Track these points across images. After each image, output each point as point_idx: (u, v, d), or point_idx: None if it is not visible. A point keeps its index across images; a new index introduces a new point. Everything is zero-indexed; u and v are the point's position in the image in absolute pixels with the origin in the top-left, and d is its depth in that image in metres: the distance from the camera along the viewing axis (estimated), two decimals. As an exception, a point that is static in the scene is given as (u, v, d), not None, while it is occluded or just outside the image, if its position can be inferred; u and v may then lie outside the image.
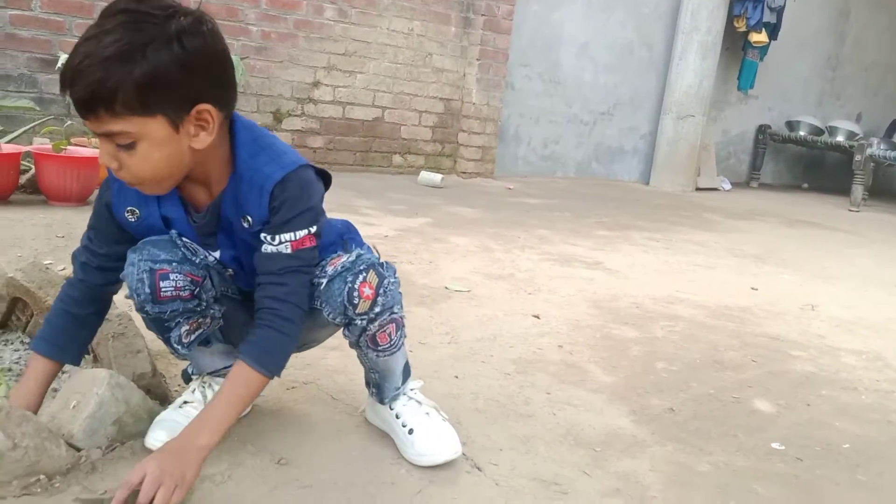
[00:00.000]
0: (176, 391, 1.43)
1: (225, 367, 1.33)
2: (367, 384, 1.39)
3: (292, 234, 1.15)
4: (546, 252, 3.20)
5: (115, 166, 1.06)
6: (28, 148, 3.13)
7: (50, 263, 1.97)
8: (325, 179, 1.25)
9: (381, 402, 1.36)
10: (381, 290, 1.21)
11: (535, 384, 1.72)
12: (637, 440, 1.50)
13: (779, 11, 6.57)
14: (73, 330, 1.24)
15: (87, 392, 1.17)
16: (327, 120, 5.00)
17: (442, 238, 3.29)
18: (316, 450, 1.30)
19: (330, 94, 4.98)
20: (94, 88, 0.97)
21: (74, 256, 1.26)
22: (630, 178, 6.60)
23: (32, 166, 3.11)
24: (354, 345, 1.29)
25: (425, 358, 1.79)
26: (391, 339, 1.27)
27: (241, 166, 1.15)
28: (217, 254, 1.21)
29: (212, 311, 1.24)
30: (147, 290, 1.14)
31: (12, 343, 1.61)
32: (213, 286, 1.22)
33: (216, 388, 1.30)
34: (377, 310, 1.21)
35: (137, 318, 1.66)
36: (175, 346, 1.23)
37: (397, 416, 1.34)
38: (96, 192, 3.19)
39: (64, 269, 2.03)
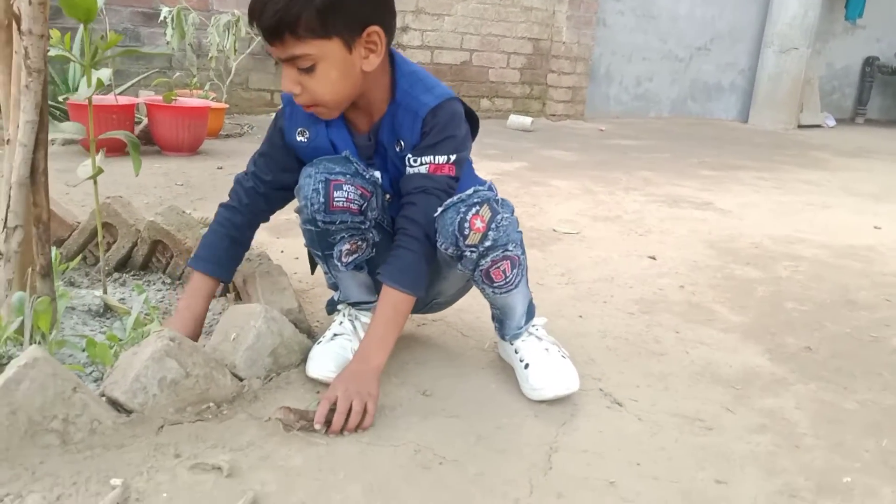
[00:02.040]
0: (316, 325, 1.48)
1: (367, 302, 1.37)
2: (493, 318, 1.40)
3: (432, 157, 1.22)
4: (651, 193, 3.12)
5: (298, 90, 1.15)
6: (140, 99, 3.24)
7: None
8: (473, 122, 1.29)
9: (503, 338, 1.38)
10: (493, 225, 1.20)
11: (661, 323, 1.69)
12: (777, 378, 1.46)
13: (895, -70, 6.05)
14: (231, 250, 1.36)
15: (245, 325, 1.22)
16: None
17: (541, 181, 3.25)
18: (456, 383, 1.32)
19: (418, 38, 4.94)
20: (282, 15, 1.08)
21: (239, 181, 1.36)
22: (728, 117, 6.32)
23: (145, 118, 3.23)
24: (471, 280, 1.30)
25: (545, 298, 1.78)
26: (506, 277, 1.25)
27: (400, 94, 1.22)
28: (378, 174, 1.27)
29: (370, 235, 1.29)
30: (322, 199, 1.21)
31: (154, 284, 1.69)
32: (376, 206, 1.27)
33: (362, 319, 1.36)
34: (487, 244, 1.20)
35: (277, 257, 1.71)
36: (336, 262, 1.29)
37: (516, 351, 1.35)
38: (206, 141, 3.31)
39: (193, 211, 2.11)
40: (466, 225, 1.18)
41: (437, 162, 1.21)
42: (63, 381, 1.00)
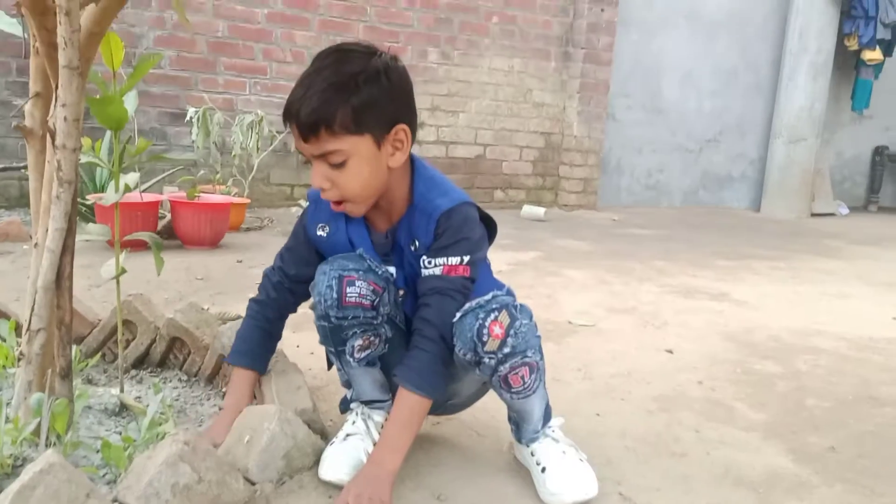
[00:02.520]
0: (330, 424, 1.47)
1: (380, 401, 1.37)
2: (509, 419, 1.39)
3: (446, 258, 1.25)
4: (666, 284, 3.12)
5: (328, 185, 1.22)
6: (165, 196, 3.35)
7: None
8: (491, 227, 1.35)
9: (519, 441, 1.36)
10: (512, 332, 1.19)
11: (681, 422, 1.67)
12: (801, 480, 1.42)
13: (893, 28, 6.26)
14: (265, 343, 1.43)
15: (259, 427, 1.22)
16: (431, 159, 5.10)
17: (556, 271, 3.27)
18: (472, 486, 1.30)
19: (434, 134, 5.09)
20: (320, 113, 1.16)
21: (266, 275, 1.43)
22: (740, 206, 6.38)
23: (167, 213, 3.32)
24: (490, 383, 1.29)
25: (561, 394, 1.77)
26: (524, 383, 1.24)
27: (418, 197, 1.28)
28: (392, 270, 1.31)
29: (383, 330, 1.31)
30: (335, 294, 1.23)
31: (171, 381, 1.70)
32: (388, 301, 1.29)
33: (375, 418, 1.35)
34: (506, 350, 1.20)
35: (293, 353, 1.72)
36: (348, 358, 1.31)
37: (532, 454, 1.32)
38: (227, 234, 3.38)
39: (212, 305, 2.13)
40: (485, 331, 1.18)
41: (450, 263, 1.24)
42: (77, 486, 0.99)
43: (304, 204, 4.38)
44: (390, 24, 4.80)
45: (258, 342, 1.42)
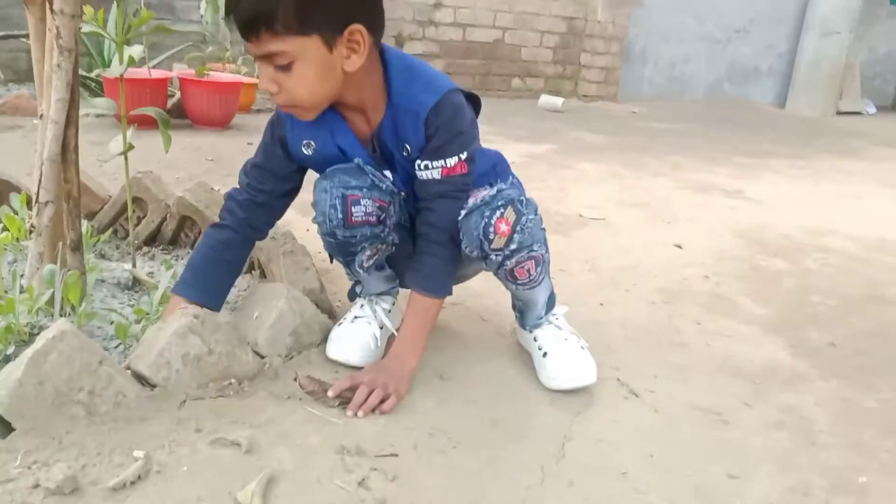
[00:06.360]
0: (338, 306, 1.49)
1: (388, 289, 1.39)
2: (513, 307, 1.41)
3: (443, 160, 1.19)
4: (681, 179, 3.08)
5: (275, 89, 1.10)
6: (174, 73, 3.28)
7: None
8: (475, 103, 1.26)
9: (523, 327, 1.38)
10: (518, 228, 1.19)
11: (683, 314, 1.68)
12: (798, 373, 1.44)
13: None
14: (220, 275, 1.29)
15: (268, 304, 1.25)
16: (447, 43, 4.94)
17: (569, 165, 3.23)
18: (474, 367, 1.33)
19: (451, 15, 4.90)
20: (258, 9, 1.03)
21: (231, 196, 1.30)
22: (765, 101, 6.19)
23: (177, 91, 3.27)
24: (495, 275, 1.30)
25: (567, 285, 1.78)
26: (530, 275, 1.25)
27: (396, 95, 1.18)
28: (389, 175, 1.25)
29: (391, 238, 1.28)
30: (340, 215, 1.19)
31: (182, 258, 1.72)
32: (394, 212, 1.26)
33: (382, 304, 1.36)
34: (513, 247, 1.20)
35: (302, 235, 1.73)
36: (357, 269, 1.30)
37: (535, 339, 1.35)
38: (238, 115, 3.33)
39: (221, 187, 2.13)
40: (491, 229, 1.18)
41: (448, 165, 1.19)
42: (90, 353, 1.03)
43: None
44: None
45: (211, 275, 1.27)
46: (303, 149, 1.24)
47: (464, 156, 1.19)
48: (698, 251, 2.16)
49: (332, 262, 1.51)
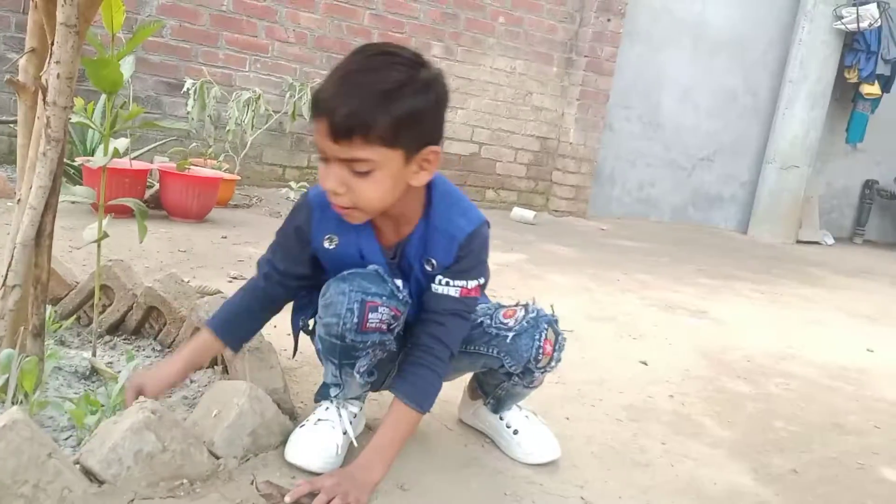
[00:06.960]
0: (300, 407, 1.46)
1: (360, 393, 1.37)
2: (485, 394, 1.48)
3: (465, 282, 1.26)
4: (648, 297, 3.14)
5: (343, 190, 1.12)
6: (155, 166, 3.32)
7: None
8: None
9: (495, 412, 1.47)
10: (558, 346, 1.37)
11: (648, 433, 1.68)
12: (761, 500, 1.43)
13: (893, 64, 6.31)
14: (247, 323, 1.36)
15: (228, 402, 1.22)
16: (426, 152, 5.09)
17: (540, 276, 3.28)
18: (436, 480, 1.30)
19: (431, 127, 5.08)
20: (359, 117, 1.06)
21: (259, 264, 1.36)
22: (727, 226, 6.42)
23: (156, 183, 3.30)
24: (515, 381, 1.41)
25: (534, 396, 1.74)
26: (542, 381, 1.45)
27: (435, 214, 1.25)
28: (401, 284, 1.26)
29: (391, 346, 1.29)
30: (356, 319, 1.18)
31: (144, 350, 1.69)
32: (402, 322, 1.27)
33: (350, 408, 1.34)
34: (553, 364, 1.37)
35: (269, 331, 1.72)
36: (353, 372, 1.26)
37: (501, 418, 1.46)
38: (215, 209, 3.36)
39: (193, 279, 2.12)
40: (541, 351, 1.33)
41: (468, 287, 1.26)
42: (39, 445, 0.99)
43: (295, 187, 4.32)
44: (396, 15, 4.78)
45: (240, 319, 1.34)
46: (325, 242, 1.26)
47: (481, 281, 1.29)
48: (663, 369, 2.17)
49: (293, 356, 1.50)
